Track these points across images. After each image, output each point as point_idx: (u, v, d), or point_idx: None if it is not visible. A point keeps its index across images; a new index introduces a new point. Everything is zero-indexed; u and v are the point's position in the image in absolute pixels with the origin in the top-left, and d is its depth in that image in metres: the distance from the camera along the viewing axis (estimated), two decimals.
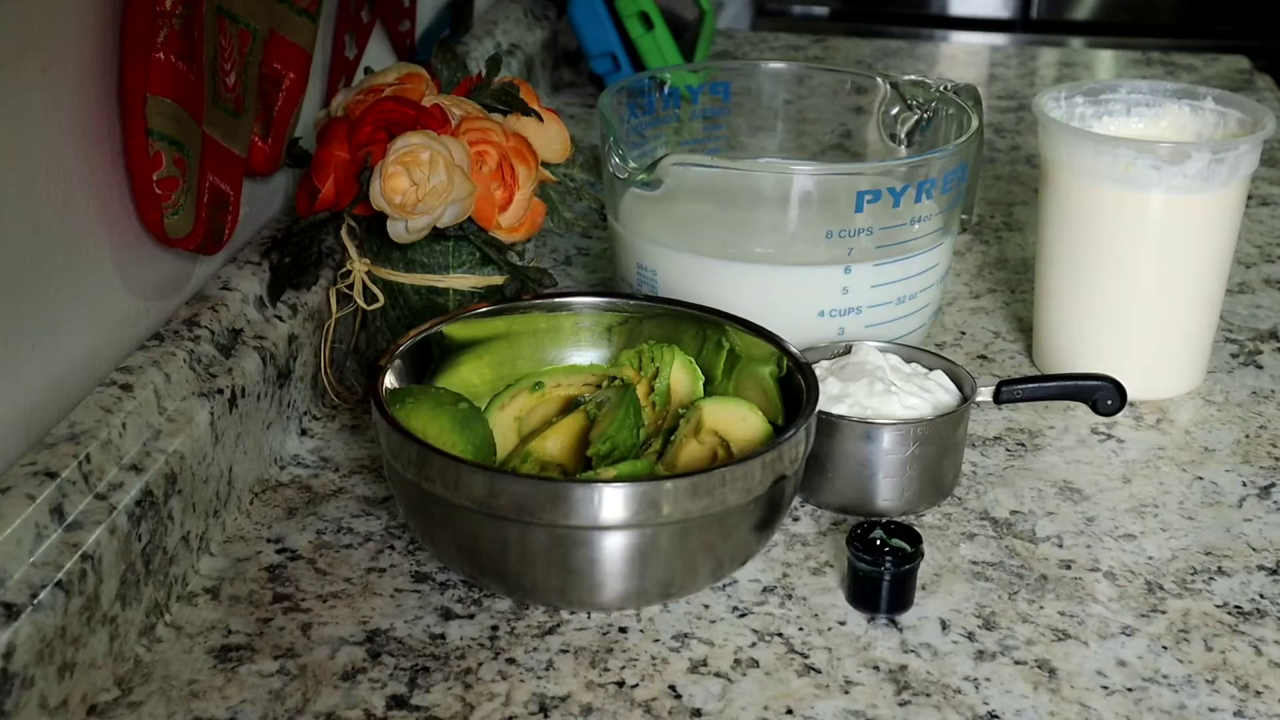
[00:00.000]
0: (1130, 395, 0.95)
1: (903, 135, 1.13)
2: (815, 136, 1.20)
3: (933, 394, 0.90)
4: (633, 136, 1.11)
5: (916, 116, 1.12)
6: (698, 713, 0.74)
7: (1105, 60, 1.88)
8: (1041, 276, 1.06)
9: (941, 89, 1.11)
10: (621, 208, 1.05)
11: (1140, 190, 0.98)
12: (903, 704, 0.75)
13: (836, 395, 0.89)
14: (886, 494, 0.88)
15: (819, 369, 0.92)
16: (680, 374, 0.90)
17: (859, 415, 0.88)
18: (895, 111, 1.13)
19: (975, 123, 1.05)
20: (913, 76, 1.14)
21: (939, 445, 0.88)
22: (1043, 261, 1.05)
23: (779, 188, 1.02)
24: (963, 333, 1.13)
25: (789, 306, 0.98)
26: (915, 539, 0.81)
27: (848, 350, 0.95)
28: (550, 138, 0.98)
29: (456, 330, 0.90)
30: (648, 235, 1.03)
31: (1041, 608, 0.83)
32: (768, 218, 1.01)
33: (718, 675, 0.77)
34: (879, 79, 1.15)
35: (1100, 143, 0.98)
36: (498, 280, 0.96)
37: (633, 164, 0.99)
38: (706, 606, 0.82)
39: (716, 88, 1.17)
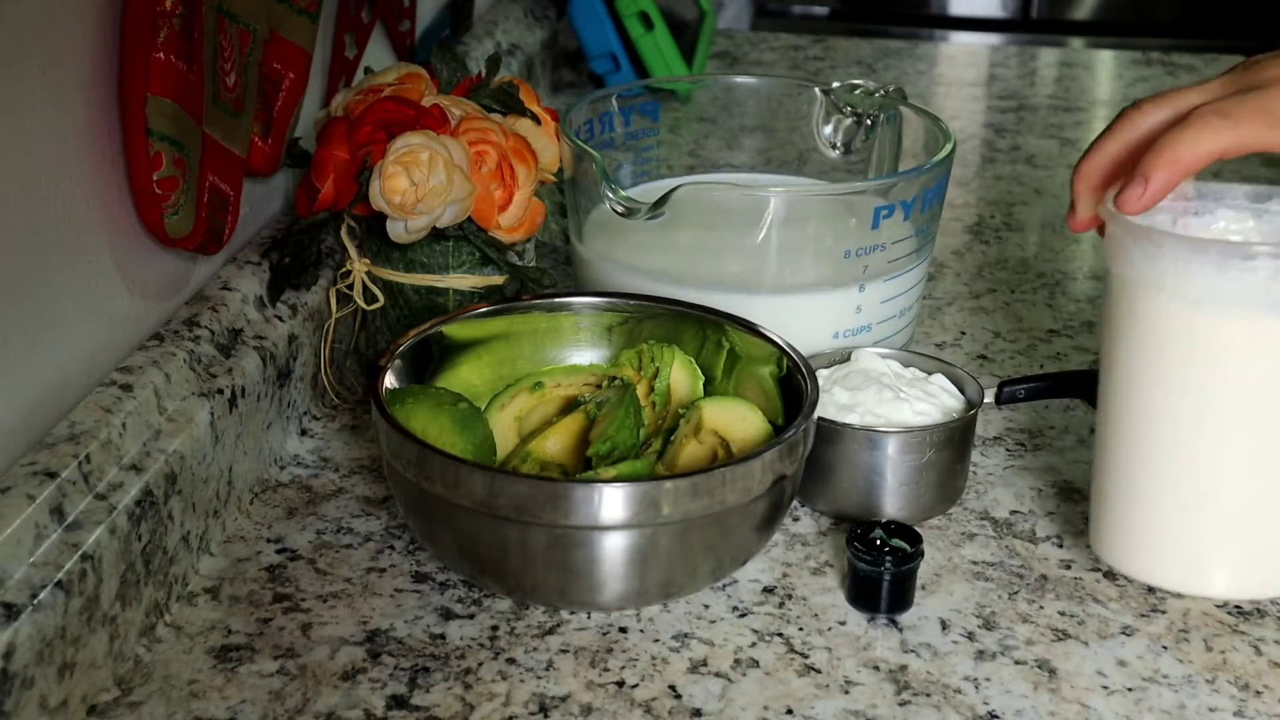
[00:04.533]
0: (1224, 594, 0.81)
1: (841, 143, 1.12)
2: (793, 149, 1.18)
3: (938, 398, 0.90)
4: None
5: (852, 121, 1.12)
6: (698, 713, 0.74)
7: (1105, 60, 1.88)
8: (1107, 439, 0.81)
9: (871, 93, 1.10)
10: (596, 234, 1.02)
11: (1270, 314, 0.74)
12: (903, 704, 0.75)
13: (846, 405, 0.89)
14: (901, 502, 0.88)
15: (821, 377, 0.92)
16: (680, 374, 0.90)
17: (873, 424, 0.88)
18: (835, 119, 1.12)
19: (944, 137, 1.02)
20: (839, 83, 1.12)
21: (954, 450, 0.88)
22: (1110, 420, 0.80)
23: (794, 209, 0.98)
24: (963, 333, 1.13)
25: (805, 332, 0.94)
26: (915, 539, 0.81)
27: (847, 358, 0.94)
28: (544, 145, 0.98)
29: (456, 330, 0.90)
30: (641, 267, 0.99)
31: (1041, 608, 0.83)
32: (781, 241, 0.98)
33: (718, 675, 0.77)
34: (816, 89, 1.14)
35: (1228, 254, 0.74)
36: (498, 280, 0.96)
37: (628, 196, 0.95)
38: (706, 606, 0.82)
39: (646, 108, 1.13)
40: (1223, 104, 0.77)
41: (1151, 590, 0.84)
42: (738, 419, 0.86)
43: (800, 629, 0.80)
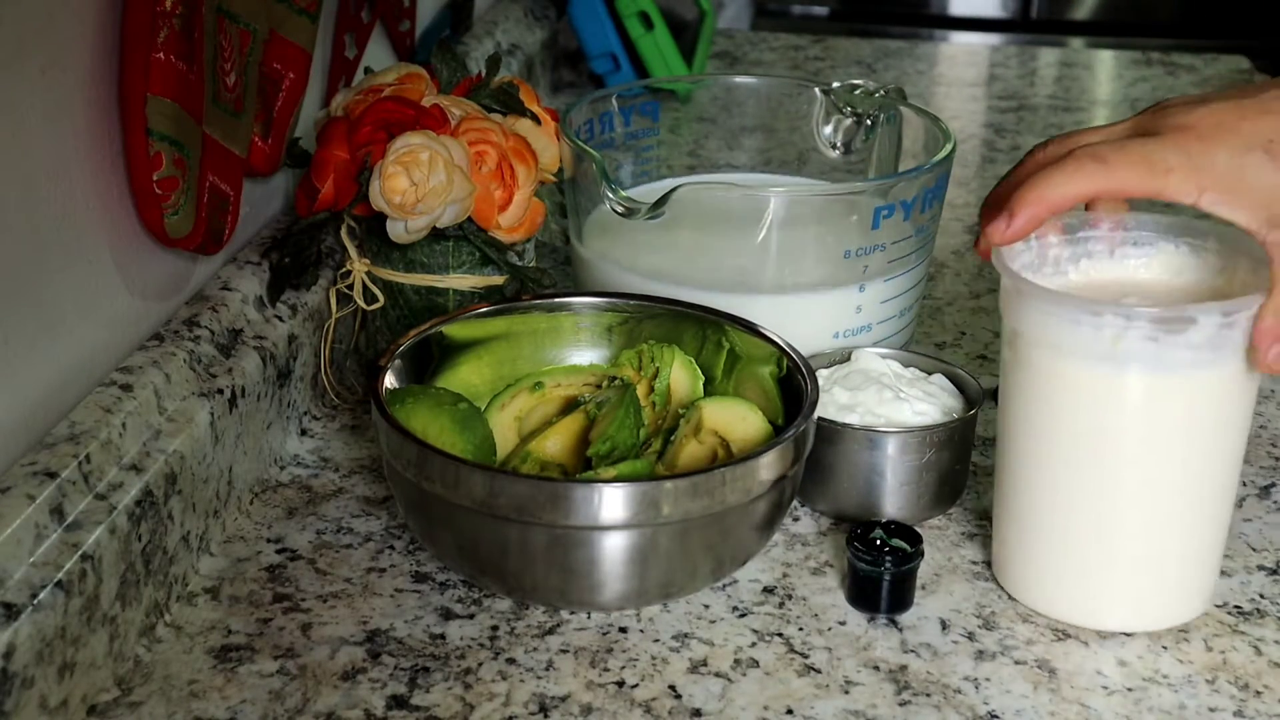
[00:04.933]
0: (1121, 627, 0.81)
1: (841, 143, 1.12)
2: (793, 149, 1.17)
3: (938, 398, 0.90)
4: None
5: (852, 121, 1.12)
6: (698, 713, 0.74)
7: (1105, 60, 1.88)
8: (1004, 478, 0.83)
9: (871, 93, 1.10)
10: (596, 234, 1.02)
11: (1133, 369, 0.76)
12: (903, 704, 0.75)
13: (846, 405, 0.89)
14: (901, 502, 0.88)
15: (821, 377, 0.92)
16: (680, 374, 0.90)
17: (873, 424, 0.88)
18: (835, 119, 1.12)
19: (944, 137, 1.02)
20: (839, 83, 1.12)
21: (954, 450, 0.88)
22: (1006, 460, 0.83)
23: (794, 209, 0.97)
24: (963, 333, 1.13)
25: (805, 331, 0.93)
26: (915, 539, 0.81)
27: (847, 358, 0.94)
28: (544, 145, 0.98)
29: (456, 330, 0.90)
30: (641, 267, 0.99)
31: None
32: (781, 241, 0.97)
33: (718, 675, 0.77)
34: (816, 89, 1.13)
35: (1078, 309, 0.76)
36: (498, 280, 0.96)
37: (628, 196, 0.94)
38: (706, 606, 0.82)
39: (646, 108, 1.13)
40: (1101, 148, 0.77)
41: None
42: (738, 419, 0.86)
43: (800, 629, 0.80)
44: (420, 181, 0.89)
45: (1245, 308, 0.75)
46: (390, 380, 0.85)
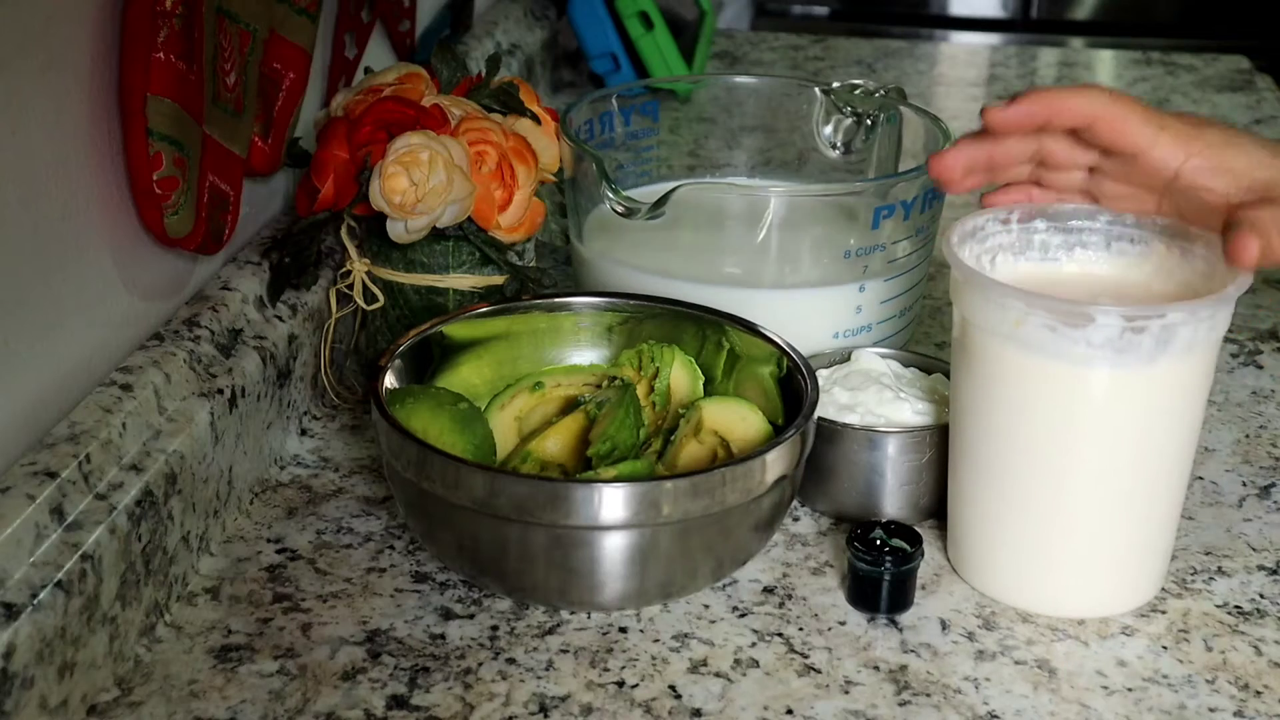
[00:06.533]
0: (1058, 613, 0.82)
1: (841, 143, 1.12)
2: (793, 149, 1.17)
3: (938, 398, 0.90)
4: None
5: (852, 121, 1.11)
6: (698, 713, 0.74)
7: (1105, 60, 1.88)
8: (952, 461, 0.86)
9: (871, 93, 1.10)
10: (596, 234, 1.02)
11: (1035, 356, 0.77)
12: (903, 704, 0.75)
13: (846, 405, 0.89)
14: (901, 502, 0.88)
15: (821, 377, 0.92)
16: (680, 374, 0.90)
17: (873, 424, 0.88)
18: (835, 119, 1.12)
19: (944, 137, 1.02)
20: (839, 83, 1.12)
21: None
22: (953, 442, 0.85)
23: (794, 209, 0.98)
24: None
25: (805, 330, 0.93)
26: (915, 539, 0.81)
27: (847, 358, 0.94)
28: (544, 146, 0.98)
29: (456, 330, 0.90)
30: (641, 267, 0.99)
31: None
32: (781, 241, 0.98)
33: (718, 675, 0.77)
34: (816, 89, 1.13)
35: (988, 289, 0.78)
36: (498, 280, 0.96)
37: (628, 196, 0.94)
38: (706, 606, 0.82)
39: (646, 108, 1.13)
40: (1112, 90, 0.83)
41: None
42: (738, 419, 0.86)
43: (800, 629, 0.80)
44: (420, 181, 0.89)
45: (1152, 314, 0.75)
46: (390, 380, 0.85)
